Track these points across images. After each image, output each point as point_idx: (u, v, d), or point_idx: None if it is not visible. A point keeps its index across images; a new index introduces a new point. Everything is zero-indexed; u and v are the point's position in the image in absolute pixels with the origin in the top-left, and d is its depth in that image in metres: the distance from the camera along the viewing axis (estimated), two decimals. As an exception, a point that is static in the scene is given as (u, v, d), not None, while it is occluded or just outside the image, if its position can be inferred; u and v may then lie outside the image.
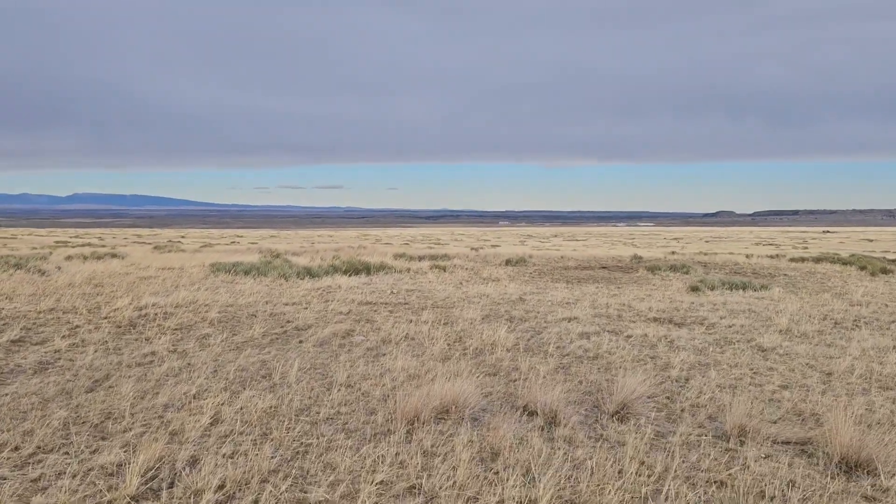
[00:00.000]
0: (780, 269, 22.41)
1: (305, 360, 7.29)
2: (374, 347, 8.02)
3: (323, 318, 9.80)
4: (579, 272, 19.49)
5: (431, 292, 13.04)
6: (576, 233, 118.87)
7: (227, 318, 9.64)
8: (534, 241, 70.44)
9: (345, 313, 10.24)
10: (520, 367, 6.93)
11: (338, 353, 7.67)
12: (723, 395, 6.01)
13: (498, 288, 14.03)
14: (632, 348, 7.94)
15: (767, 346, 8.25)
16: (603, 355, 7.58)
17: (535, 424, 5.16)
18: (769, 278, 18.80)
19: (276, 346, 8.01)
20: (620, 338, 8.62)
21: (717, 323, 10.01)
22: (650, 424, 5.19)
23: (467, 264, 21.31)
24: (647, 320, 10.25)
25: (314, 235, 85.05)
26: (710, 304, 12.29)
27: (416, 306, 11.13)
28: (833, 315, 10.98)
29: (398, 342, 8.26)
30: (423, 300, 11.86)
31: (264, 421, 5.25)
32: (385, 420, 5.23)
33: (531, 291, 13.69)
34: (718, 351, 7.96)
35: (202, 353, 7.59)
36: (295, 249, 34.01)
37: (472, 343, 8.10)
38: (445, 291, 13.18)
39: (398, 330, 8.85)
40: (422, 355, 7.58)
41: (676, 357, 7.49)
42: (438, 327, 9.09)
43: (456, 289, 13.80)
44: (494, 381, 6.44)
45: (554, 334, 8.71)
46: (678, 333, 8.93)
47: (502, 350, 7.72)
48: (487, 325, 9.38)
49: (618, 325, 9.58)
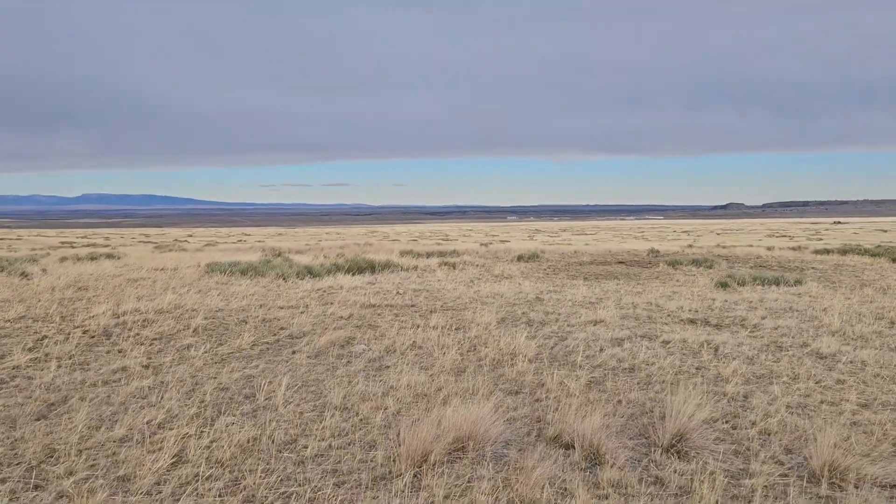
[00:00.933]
0: (806, 261, 21.28)
1: (297, 376, 6.30)
2: (376, 359, 7.03)
3: (321, 323, 8.82)
4: (595, 268, 18.45)
5: (441, 292, 12.04)
6: (585, 227, 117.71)
7: (214, 325, 8.67)
8: (543, 236, 69.40)
9: (345, 318, 9.26)
10: (546, 384, 5.92)
11: (335, 367, 6.69)
12: (794, 419, 4.98)
13: (512, 286, 13.02)
14: (672, 357, 6.91)
15: (826, 352, 7.21)
16: (640, 366, 6.56)
17: (572, 462, 4.16)
18: (798, 272, 17.71)
19: (265, 359, 7.03)
20: (656, 344, 7.59)
21: (759, 324, 8.97)
22: (716, 461, 4.18)
23: (478, 261, 20.30)
24: (680, 322, 9.22)
25: (321, 233, 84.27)
26: (745, 301, 11.25)
27: (424, 309, 10.13)
28: (886, 314, 9.92)
29: (404, 352, 7.27)
30: (431, 301, 10.86)
31: (238, 460, 4.27)
32: (386, 459, 4.24)
33: (548, 290, 12.67)
34: (772, 359, 6.92)
35: (180, 367, 6.62)
36: (299, 247, 33.07)
37: (489, 352, 7.09)
38: (456, 291, 12.18)
39: (404, 337, 7.85)
40: (431, 368, 6.59)
41: (726, 368, 6.47)
42: (449, 333, 8.10)
43: (467, 288, 12.79)
44: (517, 402, 5.43)
45: (580, 341, 7.69)
46: (720, 338, 7.89)
47: (523, 361, 6.71)
48: (504, 330, 8.37)
49: (650, 329, 8.55)
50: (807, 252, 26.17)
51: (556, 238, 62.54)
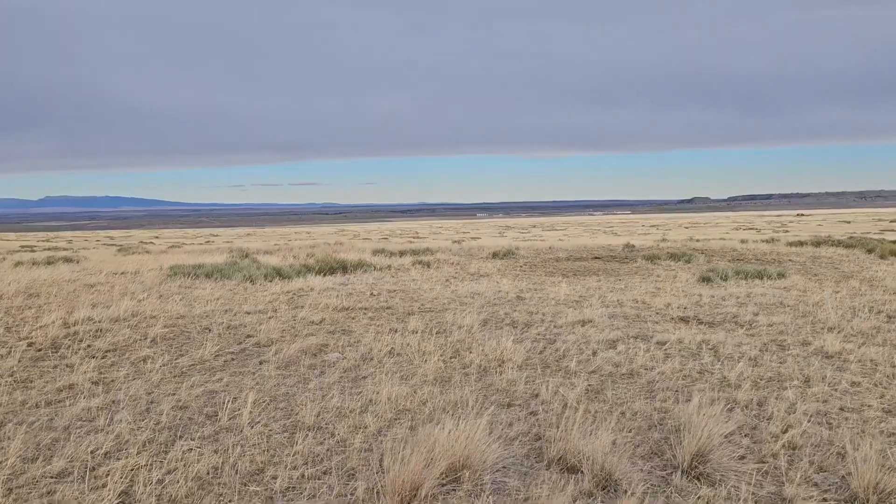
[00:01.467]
0: (782, 254, 21.13)
1: (265, 390, 5.70)
2: (352, 368, 6.45)
3: (290, 329, 8.20)
4: (572, 264, 18.04)
5: (417, 293, 11.47)
6: (554, 222, 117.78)
7: (175, 333, 8.00)
8: (514, 232, 69.01)
9: (317, 322, 8.65)
10: (540, 394, 5.40)
11: (307, 378, 6.10)
12: (818, 429, 4.53)
13: (490, 285, 12.51)
14: (671, 360, 6.44)
15: (831, 350, 6.80)
16: (639, 371, 6.07)
17: (583, 491, 3.63)
18: (777, 265, 17.48)
19: (230, 371, 6.41)
20: (651, 345, 7.12)
21: (754, 322, 8.56)
22: (746, 485, 3.69)
23: (452, 259, 19.77)
24: (671, 320, 8.78)
25: (291, 233, 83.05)
26: (732, 297, 10.87)
27: (400, 311, 9.56)
28: (879, 307, 9.59)
29: (382, 360, 6.69)
30: (408, 303, 10.29)
31: (196, 498, 3.67)
32: (369, 492, 3.67)
33: (528, 288, 12.18)
34: (777, 360, 6.48)
35: (134, 384, 5.97)
36: (268, 248, 32.20)
37: (474, 359, 6.55)
38: (433, 291, 11.62)
39: (381, 343, 7.27)
40: (412, 378, 6.03)
41: (731, 371, 6.01)
42: (430, 338, 7.54)
43: (444, 287, 12.25)
44: (512, 417, 4.90)
45: (571, 343, 7.18)
46: (717, 337, 7.44)
47: (512, 368, 6.19)
48: (488, 332, 7.84)
49: (642, 329, 8.08)
50: (781, 244, 26.11)
51: (527, 234, 62.24)
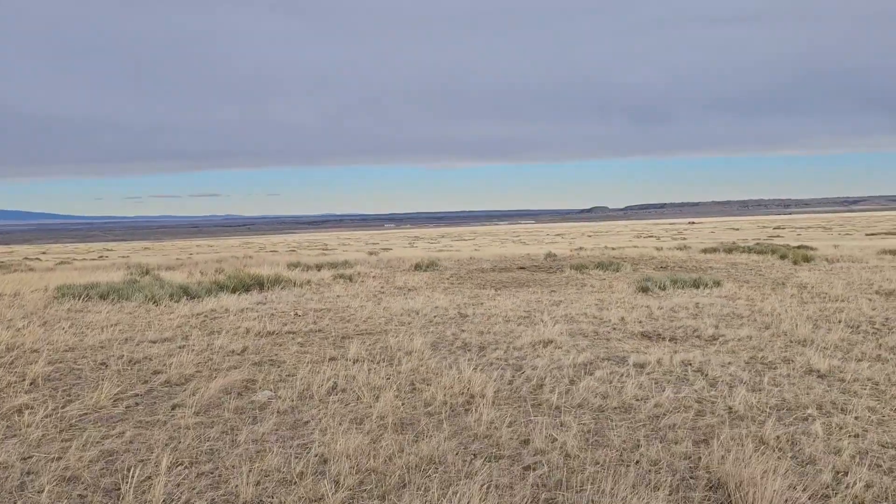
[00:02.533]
0: (700, 261, 21.21)
1: (182, 449, 4.49)
2: (289, 411, 5.31)
3: (207, 361, 6.92)
4: (499, 275, 17.34)
5: (347, 311, 10.34)
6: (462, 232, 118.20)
7: (62, 372, 6.58)
8: (423, 243, 68.33)
9: (238, 352, 7.39)
10: (531, 440, 4.44)
11: (234, 427, 4.91)
12: (876, 477, 3.78)
13: (424, 300, 11.52)
14: (660, 387, 5.64)
15: (822, 369, 6.19)
16: (633, 404, 5.22)
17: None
18: (703, 272, 17.37)
19: (134, 420, 5.13)
20: (630, 368, 6.32)
21: (718, 336, 7.96)
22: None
23: (374, 272, 18.68)
24: (634, 337, 8.06)
25: (192, 246, 79.22)
26: (681, 308, 10.33)
27: (334, 334, 8.41)
28: (834, 316, 9.23)
29: (324, 398, 5.58)
30: (341, 324, 9.15)
31: None
32: None
33: (467, 303, 11.27)
34: (771, 383, 5.79)
35: (6, 445, 4.62)
36: (170, 263, 29.95)
37: (436, 394, 5.54)
38: (364, 309, 10.51)
39: (320, 376, 6.14)
40: (366, 420, 4.96)
41: (733, 399, 5.26)
42: (376, 367, 6.47)
43: (375, 304, 11.16)
44: (507, 477, 3.91)
45: (541, 369, 6.28)
46: (694, 356, 6.73)
47: (485, 404, 5.21)
48: (442, 359, 6.84)
49: (609, 348, 7.30)
50: (695, 252, 26.37)
51: (437, 244, 61.67)
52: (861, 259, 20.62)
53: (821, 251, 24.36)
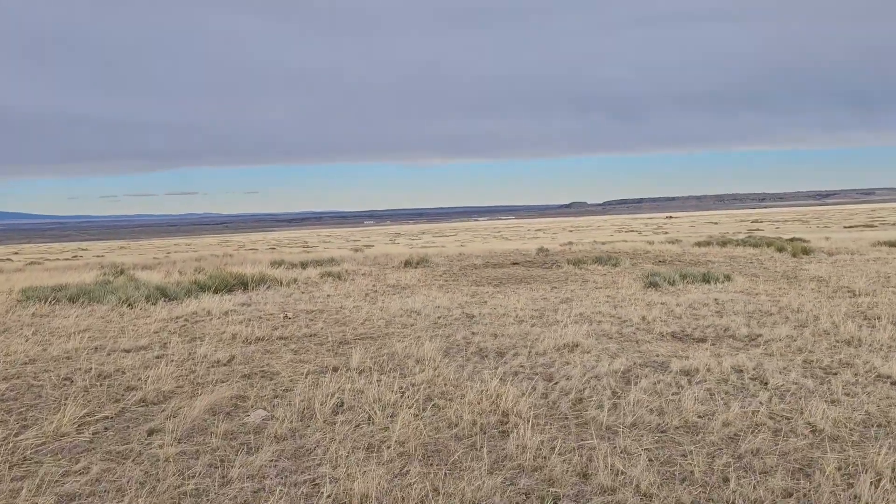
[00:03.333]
0: (697, 255, 20.59)
1: (160, 492, 3.62)
2: (289, 435, 4.46)
3: (189, 374, 6.04)
4: (493, 271, 16.56)
5: (342, 312, 9.47)
6: (443, 229, 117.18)
7: (19, 390, 5.66)
8: (404, 239, 67.28)
9: (224, 362, 6.51)
10: (590, 473, 3.63)
11: (224, 460, 4.06)
12: None
13: (423, 299, 10.69)
14: (722, 401, 4.86)
15: (893, 375, 5.47)
16: (698, 423, 4.42)
17: None
18: (704, 266, 16.71)
19: (101, 452, 4.25)
20: (677, 377, 5.53)
21: (755, 336, 7.22)
22: None
23: (363, 269, 17.81)
24: (663, 338, 7.30)
25: (169, 245, 77.59)
26: (701, 305, 9.60)
27: (331, 339, 7.55)
28: (872, 311, 8.54)
29: (330, 419, 4.74)
30: (337, 327, 8.29)
31: None
32: None
33: (468, 301, 10.46)
34: (846, 393, 5.04)
35: (-60, 489, 3.74)
36: (146, 262, 28.78)
37: (461, 412, 4.71)
38: (360, 310, 9.65)
39: (323, 391, 5.29)
40: (383, 448, 4.13)
41: (812, 414, 4.47)
42: (384, 379, 5.63)
43: (371, 304, 10.30)
44: (577, 525, 3.11)
45: (576, 379, 5.47)
46: (740, 360, 5.96)
47: (523, 425, 4.40)
48: (459, 368, 6.02)
49: (643, 352, 6.52)
50: (688, 245, 25.77)
51: (418, 240, 60.71)
52: (858, 251, 20.14)
53: (814, 243, 23.92)
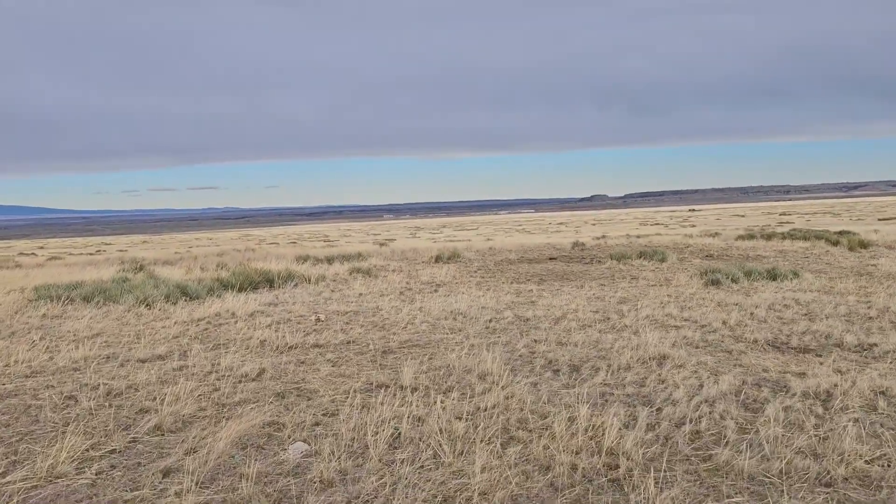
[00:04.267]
0: (744, 249, 19.47)
1: (178, 568, 2.72)
2: (338, 479, 3.53)
3: (213, 393, 5.14)
4: (530, 267, 15.59)
5: (379, 314, 8.55)
6: (463, 222, 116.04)
7: (14, 412, 4.78)
8: (425, 233, 66.31)
9: (253, 376, 5.60)
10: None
11: (260, 517, 3.14)
12: None
13: (465, 299, 9.73)
14: (894, 439, 3.87)
15: None
16: (874, 474, 3.41)
17: None
18: (756, 261, 15.63)
19: (105, 502, 3.36)
20: (807, 402, 4.50)
21: (869, 345, 6.19)
22: None
23: (391, 264, 16.91)
24: (758, 347, 6.28)
25: (191, 239, 77.26)
26: (781, 306, 8.55)
27: (373, 347, 6.61)
28: None
29: (387, 457, 3.80)
30: (377, 332, 7.35)
31: None
32: None
33: (515, 302, 9.49)
34: None
35: None
36: (168, 257, 28.16)
37: (551, 450, 3.75)
38: (399, 311, 8.71)
39: (373, 416, 4.35)
40: (460, 499, 3.20)
41: None
42: (447, 401, 4.68)
43: (408, 304, 9.37)
44: None
45: (682, 404, 4.48)
46: (874, 380, 4.95)
47: (642, 474, 3.43)
48: (532, 387, 5.05)
49: (745, 366, 5.51)
50: (730, 240, 24.60)
51: (440, 234, 59.72)
52: (918, 245, 18.96)
53: (865, 236, 22.69)
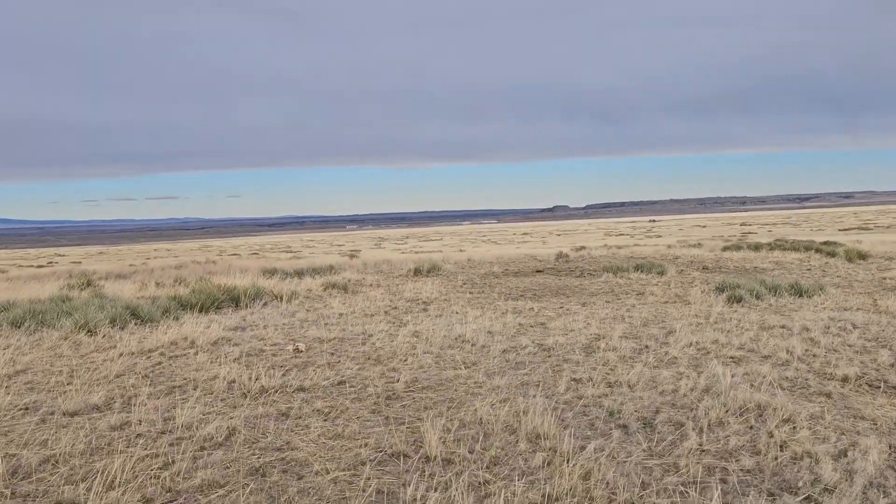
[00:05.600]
0: (738, 260, 18.53)
1: None
2: None
3: (164, 473, 3.70)
4: (519, 280, 14.36)
5: (368, 341, 7.14)
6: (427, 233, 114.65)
7: None
8: (390, 244, 64.78)
9: (220, 440, 4.16)
10: None
11: None
12: None
13: (465, 321, 8.39)
14: None
15: None
16: None
17: None
18: (758, 273, 14.65)
19: None
20: None
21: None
22: None
23: (367, 278, 15.50)
24: (853, 386, 5.07)
25: (150, 250, 74.36)
26: (836, 329, 7.41)
27: (372, 391, 5.21)
28: None
29: None
30: (372, 367, 5.95)
31: None
32: None
33: (526, 324, 8.18)
34: None
35: None
36: (122, 270, 26.29)
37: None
38: (393, 338, 7.30)
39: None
40: None
41: None
42: (503, 490, 3.34)
43: (399, 327, 7.99)
44: None
45: (844, 489, 3.23)
46: None
47: None
48: (612, 461, 3.72)
49: (875, 420, 4.29)
50: (716, 251, 23.74)
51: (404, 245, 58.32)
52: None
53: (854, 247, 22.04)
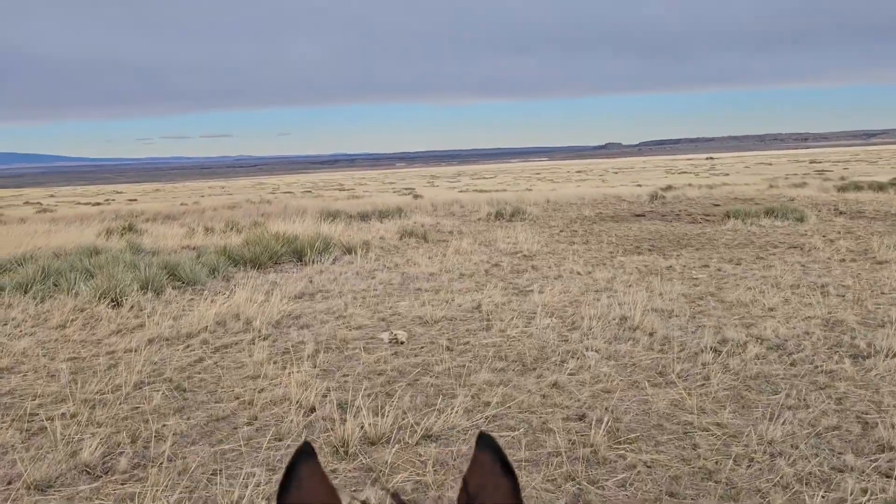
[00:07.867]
0: (870, 203, 15.59)
1: None
2: None
3: None
4: (622, 227, 12.13)
5: (489, 321, 5.03)
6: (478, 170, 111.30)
7: None
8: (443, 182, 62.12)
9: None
10: None
11: None
12: None
13: (593, 284, 6.21)
14: None
15: None
16: None
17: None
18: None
19: None
20: None
21: None
22: None
23: (443, 223, 13.42)
24: None
25: (204, 188, 73.49)
26: None
27: (550, 443, 3.12)
28: None
29: None
30: (520, 379, 3.80)
31: None
32: None
33: (687, 294, 5.95)
34: None
35: None
36: (172, 210, 24.22)
37: None
38: (525, 320, 5.17)
39: None
40: None
41: None
42: None
43: (518, 296, 5.85)
44: None
45: None
46: None
47: None
48: None
49: None
50: (830, 191, 20.74)
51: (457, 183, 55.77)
52: None
53: None
